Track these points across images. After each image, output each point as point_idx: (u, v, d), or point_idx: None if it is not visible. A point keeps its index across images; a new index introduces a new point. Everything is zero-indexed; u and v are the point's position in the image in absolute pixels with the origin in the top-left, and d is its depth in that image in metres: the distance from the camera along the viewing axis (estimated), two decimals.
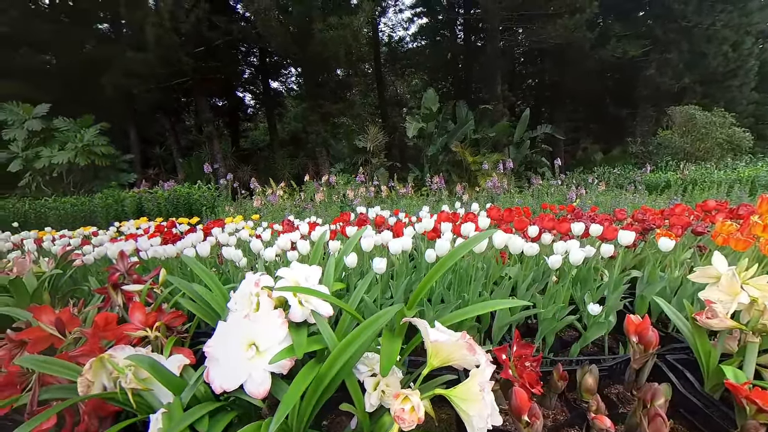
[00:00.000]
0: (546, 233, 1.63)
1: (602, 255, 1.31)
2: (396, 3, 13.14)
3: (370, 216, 2.65)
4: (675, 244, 1.41)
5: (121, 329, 1.37)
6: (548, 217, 1.74)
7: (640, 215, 1.93)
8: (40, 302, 1.77)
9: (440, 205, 5.01)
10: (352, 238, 1.34)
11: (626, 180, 6.52)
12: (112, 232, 3.43)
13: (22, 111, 7.18)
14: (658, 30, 8.66)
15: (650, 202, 4.62)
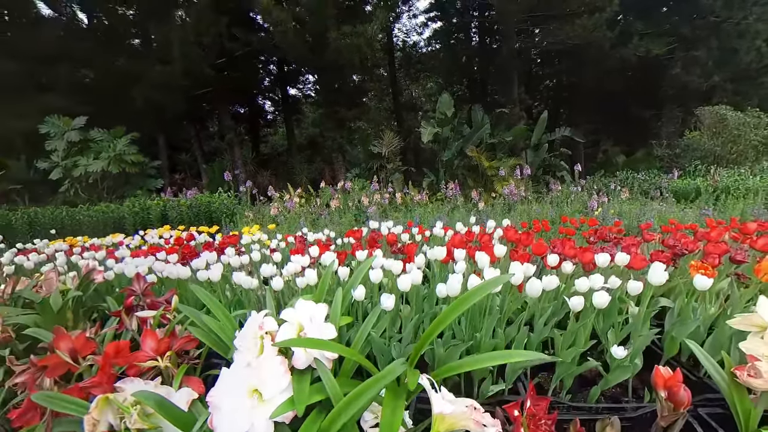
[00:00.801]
0: (567, 262, 1.52)
1: (631, 292, 1.19)
2: (410, 8, 13.03)
3: (382, 230, 2.59)
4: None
5: (133, 357, 1.36)
6: (569, 244, 1.62)
7: (671, 241, 1.78)
8: (64, 321, 1.82)
9: (455, 213, 4.89)
10: (360, 268, 1.28)
11: (651, 186, 6.16)
12: (137, 240, 3.54)
13: (62, 123, 7.60)
14: (684, 27, 8.16)
15: (678, 212, 4.33)
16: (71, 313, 1.86)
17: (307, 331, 0.94)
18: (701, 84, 8.33)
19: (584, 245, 2.60)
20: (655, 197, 5.72)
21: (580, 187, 6.44)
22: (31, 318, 1.81)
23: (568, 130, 9.56)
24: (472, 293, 0.89)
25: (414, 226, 3.40)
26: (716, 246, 1.59)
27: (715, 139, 6.84)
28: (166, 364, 1.38)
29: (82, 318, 2.02)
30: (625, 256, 1.49)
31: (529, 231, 2.80)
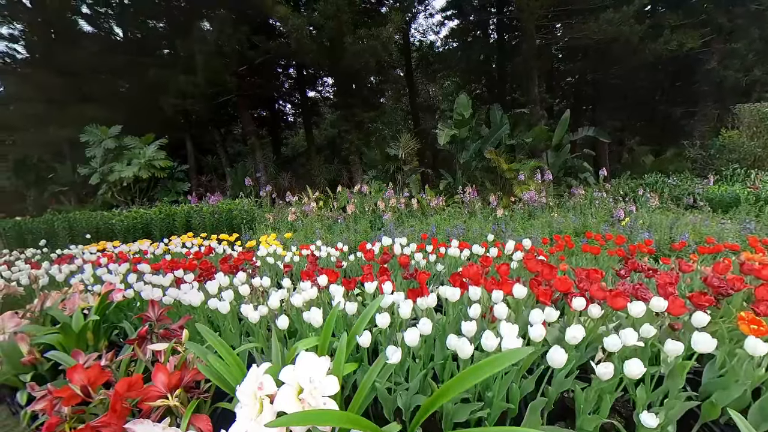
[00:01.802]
0: (594, 306, 1.37)
1: (669, 354, 1.04)
2: (426, 8, 12.70)
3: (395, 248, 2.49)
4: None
5: (144, 392, 1.35)
6: (597, 283, 1.46)
7: (714, 280, 1.58)
8: (84, 341, 1.86)
9: (473, 221, 4.71)
10: (365, 312, 1.20)
11: (684, 192, 5.70)
12: (162, 248, 3.63)
13: (100, 132, 7.98)
14: (720, 17, 7.47)
15: (715, 225, 3.96)
16: (91, 334, 1.89)
17: (306, 394, 0.87)
18: (740, 79, 7.63)
19: (610, 265, 2.37)
20: (688, 205, 5.28)
21: (604, 192, 6.06)
22: (55, 338, 1.85)
23: (592, 130, 9.05)
24: (483, 366, 0.78)
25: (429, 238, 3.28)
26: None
27: (756, 139, 6.25)
28: (175, 404, 1.35)
29: (102, 336, 2.06)
30: (661, 301, 1.33)
31: (549, 254, 2.59)
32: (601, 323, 1.57)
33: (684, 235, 3.63)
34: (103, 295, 1.97)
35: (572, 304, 1.30)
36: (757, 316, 1.47)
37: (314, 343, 1.17)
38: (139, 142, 8.02)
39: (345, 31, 7.23)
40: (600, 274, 1.81)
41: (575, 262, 3.06)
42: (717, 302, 1.68)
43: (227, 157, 11.77)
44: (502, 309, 1.19)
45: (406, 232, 3.96)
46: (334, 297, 1.42)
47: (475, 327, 1.04)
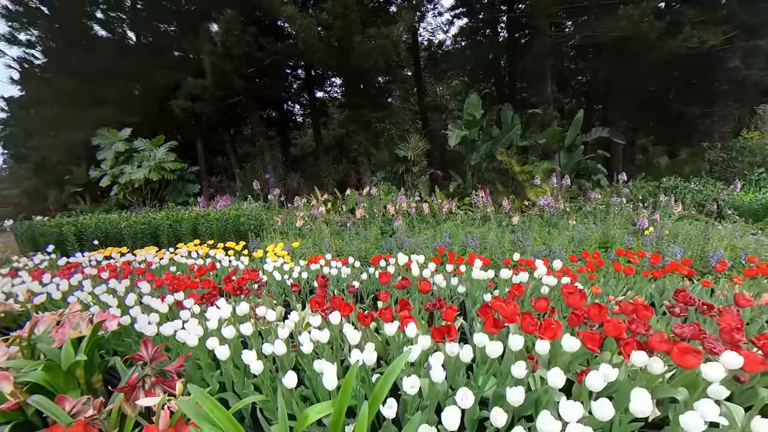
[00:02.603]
0: (656, 360, 1.10)
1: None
2: (435, 6, 12.30)
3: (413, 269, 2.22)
4: None
5: None
6: (660, 336, 1.18)
7: None
8: (74, 381, 1.65)
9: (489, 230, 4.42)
10: (389, 371, 0.95)
11: (707, 198, 5.32)
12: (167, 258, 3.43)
13: (110, 135, 7.86)
14: (744, 13, 6.98)
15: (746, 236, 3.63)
16: (81, 371, 1.68)
17: None
18: (764, 77, 7.14)
19: (646, 288, 2.04)
20: (712, 212, 4.91)
21: (624, 198, 5.70)
22: (41, 376, 1.65)
23: (606, 131, 8.62)
24: None
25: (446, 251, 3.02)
26: None
27: None
28: None
29: (96, 369, 1.84)
30: (736, 358, 1.06)
31: (577, 272, 2.30)
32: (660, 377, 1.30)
33: (719, 252, 3.30)
34: (95, 326, 1.76)
35: (630, 357, 1.04)
36: None
37: (327, 411, 0.93)
38: (149, 145, 7.87)
39: (354, 30, 6.94)
40: (650, 311, 1.53)
41: (604, 281, 2.78)
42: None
43: (237, 158, 11.61)
44: (555, 378, 0.93)
45: (418, 240, 3.70)
46: (346, 343, 1.18)
47: (522, 395, 0.79)
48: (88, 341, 1.67)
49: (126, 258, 3.39)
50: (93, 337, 1.71)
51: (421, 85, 12.55)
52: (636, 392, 0.90)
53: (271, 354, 1.24)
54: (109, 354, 2.11)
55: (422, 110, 12.63)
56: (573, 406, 0.82)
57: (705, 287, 2.67)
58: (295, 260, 3.07)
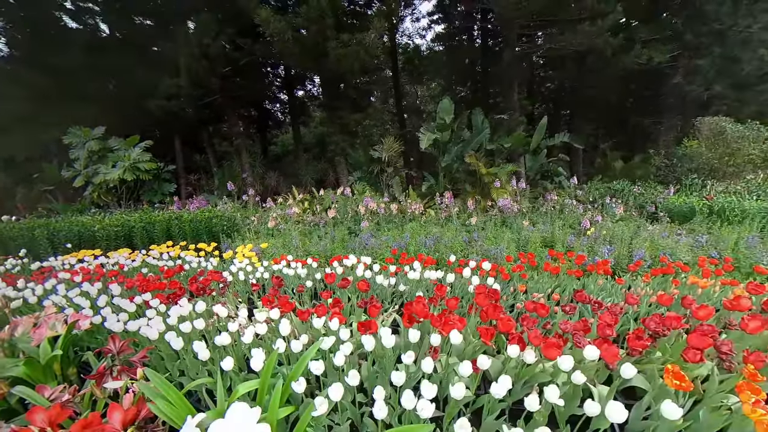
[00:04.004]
0: (529, 352, 1.41)
1: (588, 413, 1.08)
2: (413, 12, 12.54)
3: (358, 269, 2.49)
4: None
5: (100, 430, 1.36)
6: (535, 332, 1.50)
7: (652, 324, 1.65)
8: (51, 374, 1.82)
9: (448, 228, 4.75)
10: (304, 356, 1.21)
11: (647, 200, 5.87)
12: (139, 260, 3.56)
13: (83, 134, 7.68)
14: (687, 34, 7.63)
15: (672, 236, 4.10)
16: (58, 365, 1.86)
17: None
18: (702, 93, 7.84)
19: (570, 284, 2.39)
20: (651, 213, 5.45)
21: (574, 200, 6.21)
22: (23, 371, 1.82)
23: (568, 136, 9.17)
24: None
25: (398, 250, 3.31)
26: (702, 339, 1.46)
27: (713, 151, 6.47)
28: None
29: (72, 362, 2.02)
30: (594, 351, 1.38)
31: (511, 272, 2.62)
32: (537, 365, 1.61)
33: (641, 251, 3.75)
34: (70, 325, 1.94)
35: (508, 350, 1.34)
36: (686, 363, 1.54)
37: (255, 386, 1.18)
38: (124, 144, 7.75)
39: (329, 36, 7.08)
40: (546, 309, 1.86)
41: (537, 278, 3.14)
42: (654, 341, 1.74)
43: (215, 157, 11.51)
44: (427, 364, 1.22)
45: (380, 241, 3.97)
46: (280, 333, 1.43)
47: (403, 378, 1.06)
48: (64, 339, 1.85)
49: (99, 261, 3.49)
50: (68, 335, 1.88)
51: (399, 88, 12.78)
52: (501, 378, 1.18)
53: (222, 344, 1.47)
54: (83, 350, 2.27)
55: (400, 112, 12.89)
56: (429, 386, 1.08)
57: (619, 284, 3.09)
58: (263, 260, 3.28)
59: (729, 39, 7.12)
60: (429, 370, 1.16)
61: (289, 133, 16.93)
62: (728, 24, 6.88)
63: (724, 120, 6.52)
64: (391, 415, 1.14)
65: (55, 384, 1.88)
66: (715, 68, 7.47)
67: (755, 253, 3.70)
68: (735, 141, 6.18)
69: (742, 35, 6.94)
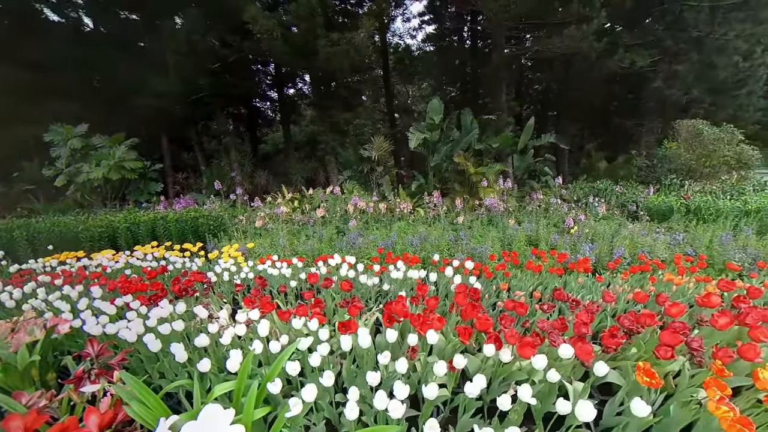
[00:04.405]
0: (505, 352, 1.43)
1: (560, 412, 1.10)
2: (404, 12, 12.55)
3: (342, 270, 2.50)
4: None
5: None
6: (512, 331, 1.53)
7: (626, 321, 1.70)
8: (29, 380, 1.78)
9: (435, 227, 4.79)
10: (280, 357, 1.21)
11: (628, 200, 6.03)
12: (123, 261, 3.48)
13: (64, 131, 7.45)
14: (668, 40, 7.84)
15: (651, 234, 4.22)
16: (36, 371, 1.81)
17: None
18: (681, 97, 8.08)
19: (552, 282, 2.46)
20: (631, 212, 5.61)
21: (559, 199, 6.33)
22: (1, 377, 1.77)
23: (554, 137, 9.34)
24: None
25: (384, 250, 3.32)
26: (673, 336, 1.51)
27: (691, 152, 6.68)
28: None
29: (51, 368, 1.98)
30: (568, 350, 1.41)
31: (494, 270, 2.66)
32: (514, 364, 1.64)
33: (620, 249, 3.85)
34: (49, 330, 1.89)
35: (484, 349, 1.37)
36: (657, 359, 1.59)
37: (231, 387, 1.18)
38: (108, 142, 7.54)
39: (318, 34, 7.03)
40: (525, 308, 1.90)
41: (520, 276, 3.19)
42: (629, 338, 1.78)
43: (204, 155, 11.31)
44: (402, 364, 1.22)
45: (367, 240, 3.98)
46: (259, 334, 1.43)
47: (378, 379, 1.07)
48: (42, 344, 1.81)
49: (81, 263, 3.40)
50: (46, 340, 1.84)
51: (390, 87, 12.78)
52: (476, 377, 1.19)
53: (201, 346, 1.45)
54: (63, 354, 2.22)
55: (390, 111, 12.90)
56: (401, 387, 1.08)
57: (598, 282, 3.16)
58: (250, 260, 3.25)
59: (706, 46, 7.36)
60: (403, 370, 1.17)
61: (279, 132, 16.77)
62: (705, 31, 7.11)
63: (701, 123, 6.75)
64: (368, 414, 1.15)
65: (33, 390, 1.83)
66: (693, 73, 7.71)
67: (728, 251, 3.84)
68: (711, 143, 6.40)
69: (718, 42, 7.18)
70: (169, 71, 7.72)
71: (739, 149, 6.24)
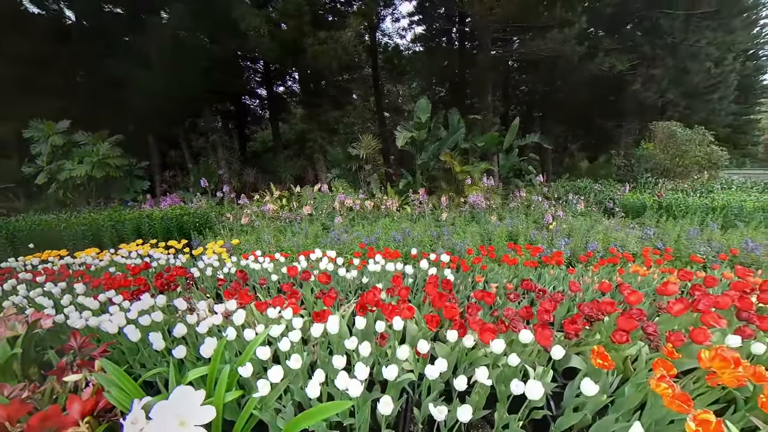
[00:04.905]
0: (468, 338, 1.53)
1: (514, 392, 1.18)
2: (393, 11, 12.61)
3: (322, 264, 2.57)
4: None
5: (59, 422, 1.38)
6: (475, 318, 1.63)
7: (586, 308, 1.82)
8: (11, 373, 1.80)
9: (419, 224, 4.90)
10: (252, 343, 1.28)
11: (606, 197, 6.26)
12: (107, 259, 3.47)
13: (45, 127, 7.26)
14: (645, 46, 8.13)
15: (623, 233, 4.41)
16: (18, 365, 1.83)
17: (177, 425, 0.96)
18: (657, 100, 8.40)
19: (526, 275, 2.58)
20: (608, 209, 5.84)
21: (540, 197, 6.52)
22: None
23: (538, 137, 9.57)
24: (314, 413, 0.90)
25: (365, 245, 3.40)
26: (629, 321, 1.62)
27: (665, 152, 6.96)
28: (83, 430, 1.40)
29: (33, 362, 1.99)
30: (528, 335, 1.51)
31: (471, 264, 2.76)
32: (480, 350, 1.75)
33: (594, 243, 4.02)
34: (31, 324, 1.91)
35: (447, 335, 1.46)
36: (613, 344, 1.71)
37: (204, 372, 1.24)
38: (92, 139, 7.38)
39: (306, 32, 7.03)
40: (492, 298, 2.00)
41: (497, 269, 3.32)
42: (591, 324, 1.90)
43: (191, 153, 11.16)
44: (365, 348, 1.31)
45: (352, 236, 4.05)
46: (234, 323, 1.50)
47: (343, 362, 1.15)
48: (24, 338, 1.83)
49: (64, 261, 3.37)
50: (28, 335, 1.86)
51: (379, 86, 12.83)
52: (438, 361, 1.27)
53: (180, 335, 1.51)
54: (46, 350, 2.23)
55: (379, 110, 12.95)
56: (360, 372, 1.17)
57: (570, 274, 3.31)
58: (234, 256, 3.29)
59: (680, 52, 7.67)
60: (366, 353, 1.26)
61: (269, 130, 16.63)
62: (680, 38, 7.41)
63: (675, 125, 7.03)
64: (337, 396, 1.23)
65: (15, 383, 1.86)
66: (668, 77, 8.03)
67: (694, 244, 4.04)
68: (684, 144, 6.68)
69: (691, 49, 7.50)
70: (155, 67, 7.57)
71: (709, 150, 6.54)
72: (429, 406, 1.04)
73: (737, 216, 5.01)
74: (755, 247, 3.79)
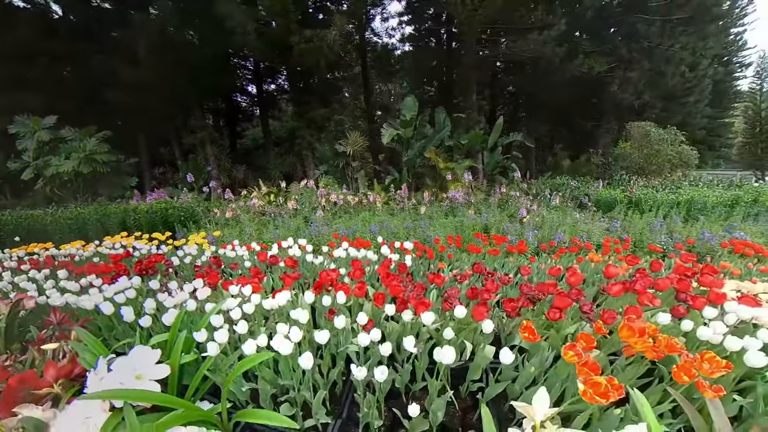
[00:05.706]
0: (407, 313, 1.69)
1: (441, 362, 1.36)
2: (383, 11, 12.75)
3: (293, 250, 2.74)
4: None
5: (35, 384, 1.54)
6: (421, 299, 1.80)
7: (525, 287, 2.01)
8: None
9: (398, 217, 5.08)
10: (209, 313, 1.45)
11: (581, 193, 6.51)
12: (92, 250, 3.60)
13: (31, 123, 7.27)
14: (623, 49, 8.41)
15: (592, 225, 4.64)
16: (2, 340, 1.97)
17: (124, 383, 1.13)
18: (633, 101, 8.71)
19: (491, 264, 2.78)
20: (582, 204, 6.09)
21: (518, 193, 6.76)
22: None
23: (521, 135, 9.82)
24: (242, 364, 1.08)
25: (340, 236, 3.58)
26: (562, 299, 1.76)
27: (640, 151, 7.25)
28: (57, 391, 1.57)
29: (15, 339, 2.14)
30: (462, 310, 1.68)
31: (438, 252, 2.92)
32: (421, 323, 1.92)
33: (560, 234, 4.24)
34: (14, 303, 2.05)
35: (386, 308, 1.64)
36: (547, 321, 1.89)
37: (165, 338, 1.41)
38: (79, 135, 7.41)
39: (292, 30, 7.14)
40: (442, 279, 2.19)
41: (464, 258, 3.52)
42: (533, 304, 2.07)
43: (181, 149, 11.21)
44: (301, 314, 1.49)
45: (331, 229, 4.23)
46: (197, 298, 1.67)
47: (286, 330, 1.33)
48: (7, 317, 1.97)
49: (50, 253, 3.48)
50: (11, 314, 2.00)
51: (368, 85, 12.98)
52: (373, 331, 1.44)
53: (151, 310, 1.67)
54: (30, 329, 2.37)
55: (368, 108, 13.10)
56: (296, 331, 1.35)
57: (531, 262, 3.52)
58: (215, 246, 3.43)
59: (656, 56, 7.96)
60: (304, 321, 1.45)
61: (259, 127, 16.67)
62: (656, 42, 7.69)
63: (649, 125, 7.33)
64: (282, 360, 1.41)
65: None
66: (644, 80, 8.32)
67: (656, 236, 4.28)
68: (657, 143, 6.96)
69: (667, 53, 7.79)
70: (144, 63, 7.62)
71: (680, 149, 6.84)
72: (352, 367, 1.22)
73: (700, 210, 5.29)
74: (711, 238, 4.04)
